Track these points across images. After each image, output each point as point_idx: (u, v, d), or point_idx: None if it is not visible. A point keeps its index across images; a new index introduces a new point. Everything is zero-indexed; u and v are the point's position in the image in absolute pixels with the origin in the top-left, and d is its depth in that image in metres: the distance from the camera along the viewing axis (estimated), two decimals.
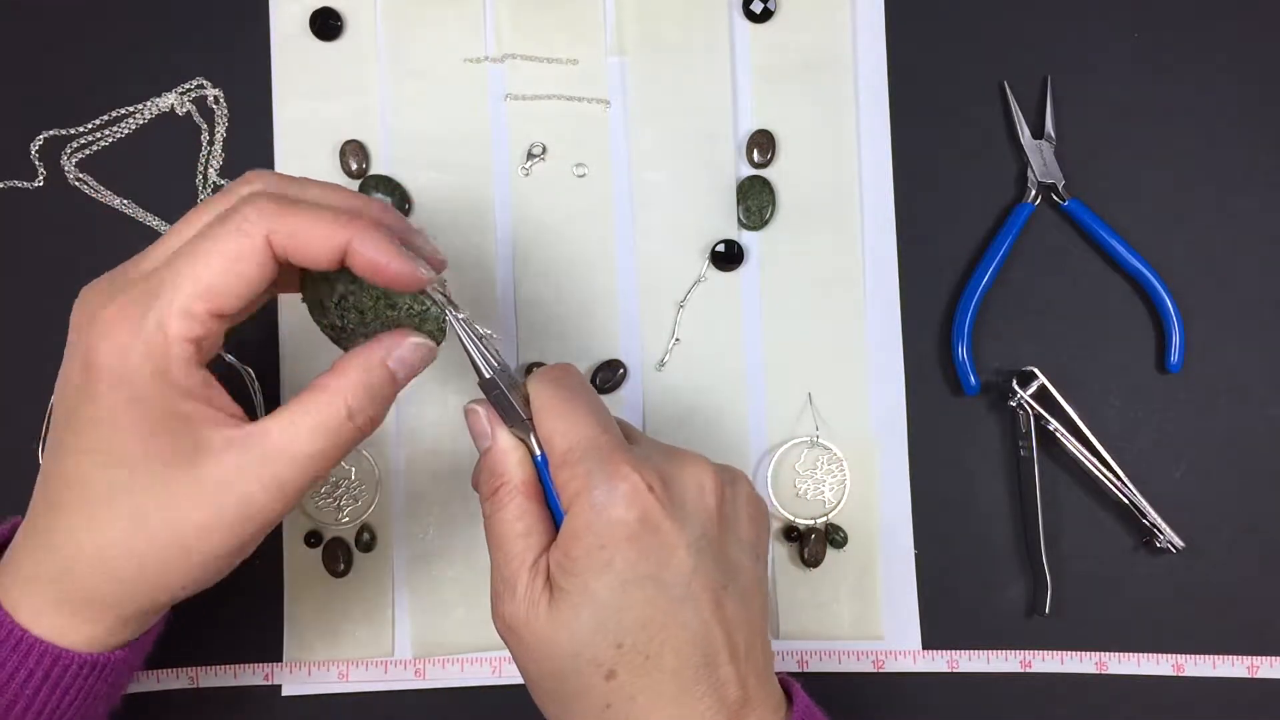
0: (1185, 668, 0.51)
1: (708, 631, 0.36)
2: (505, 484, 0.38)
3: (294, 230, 0.35)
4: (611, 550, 0.35)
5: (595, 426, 0.37)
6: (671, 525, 0.36)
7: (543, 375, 0.39)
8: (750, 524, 0.39)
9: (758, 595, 0.38)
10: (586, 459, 0.36)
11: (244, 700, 0.50)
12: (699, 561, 0.36)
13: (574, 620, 0.36)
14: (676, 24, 0.53)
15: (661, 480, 0.36)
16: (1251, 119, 0.54)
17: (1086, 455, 0.51)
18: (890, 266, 0.52)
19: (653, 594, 0.35)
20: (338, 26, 0.52)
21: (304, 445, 0.35)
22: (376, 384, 0.37)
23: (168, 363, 0.34)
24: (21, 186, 0.52)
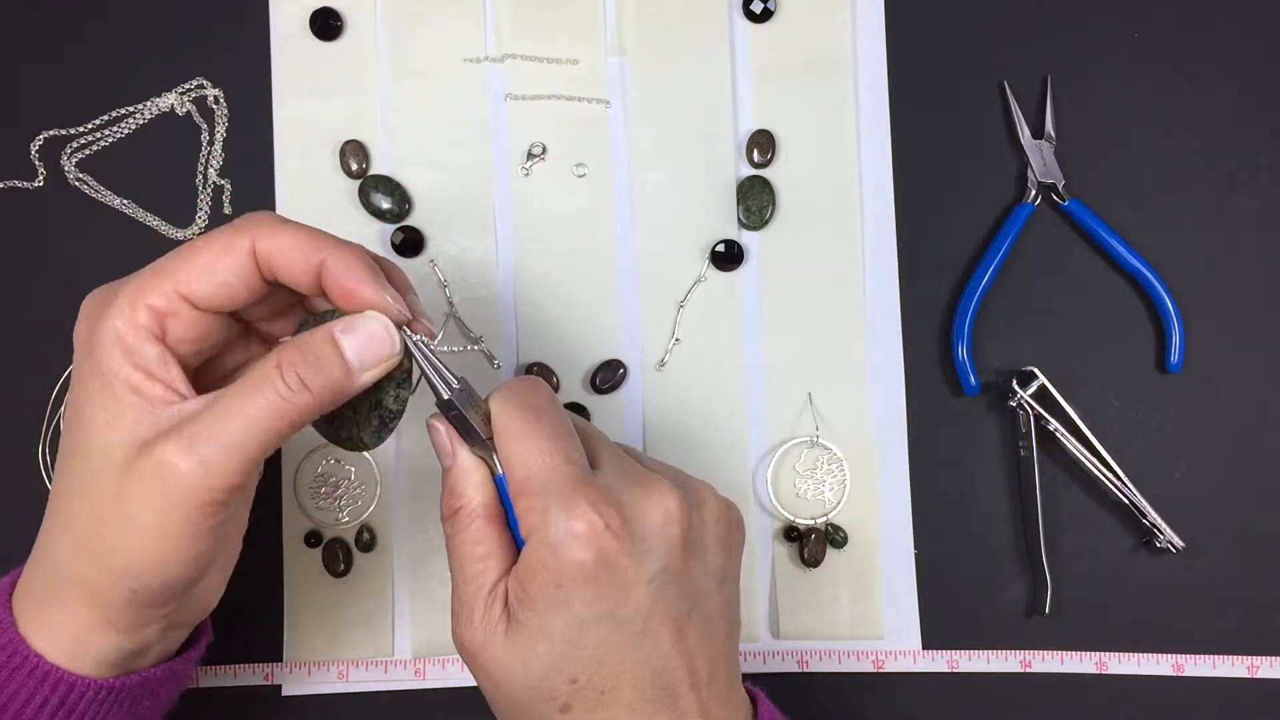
0: (1185, 668, 0.51)
1: (666, 664, 0.36)
2: (464, 507, 0.37)
3: (279, 240, 0.35)
4: (568, 590, 0.35)
5: (555, 455, 0.36)
6: (630, 563, 0.35)
7: (506, 394, 0.38)
8: (719, 547, 0.38)
9: (723, 618, 0.38)
10: (545, 491, 0.35)
11: (244, 700, 0.50)
12: (660, 595, 0.36)
13: (529, 653, 0.35)
14: (676, 24, 0.53)
15: (621, 516, 0.35)
16: (1251, 119, 0.54)
17: (1086, 455, 0.51)
18: (890, 267, 0.52)
19: (609, 631, 0.35)
20: (338, 26, 0.52)
21: (232, 406, 0.34)
22: (315, 347, 0.35)
23: (125, 328, 0.35)
24: (21, 186, 0.52)
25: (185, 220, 0.52)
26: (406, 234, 0.51)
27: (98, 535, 0.35)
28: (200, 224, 0.52)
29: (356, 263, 0.36)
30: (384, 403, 0.38)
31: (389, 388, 0.38)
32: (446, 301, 0.51)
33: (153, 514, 0.34)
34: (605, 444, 0.39)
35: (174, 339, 0.35)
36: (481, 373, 0.51)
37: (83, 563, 0.36)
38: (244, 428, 0.34)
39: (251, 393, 0.34)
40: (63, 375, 0.50)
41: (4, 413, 0.51)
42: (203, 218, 0.52)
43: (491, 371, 0.51)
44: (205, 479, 0.33)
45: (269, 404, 0.34)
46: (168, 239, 0.52)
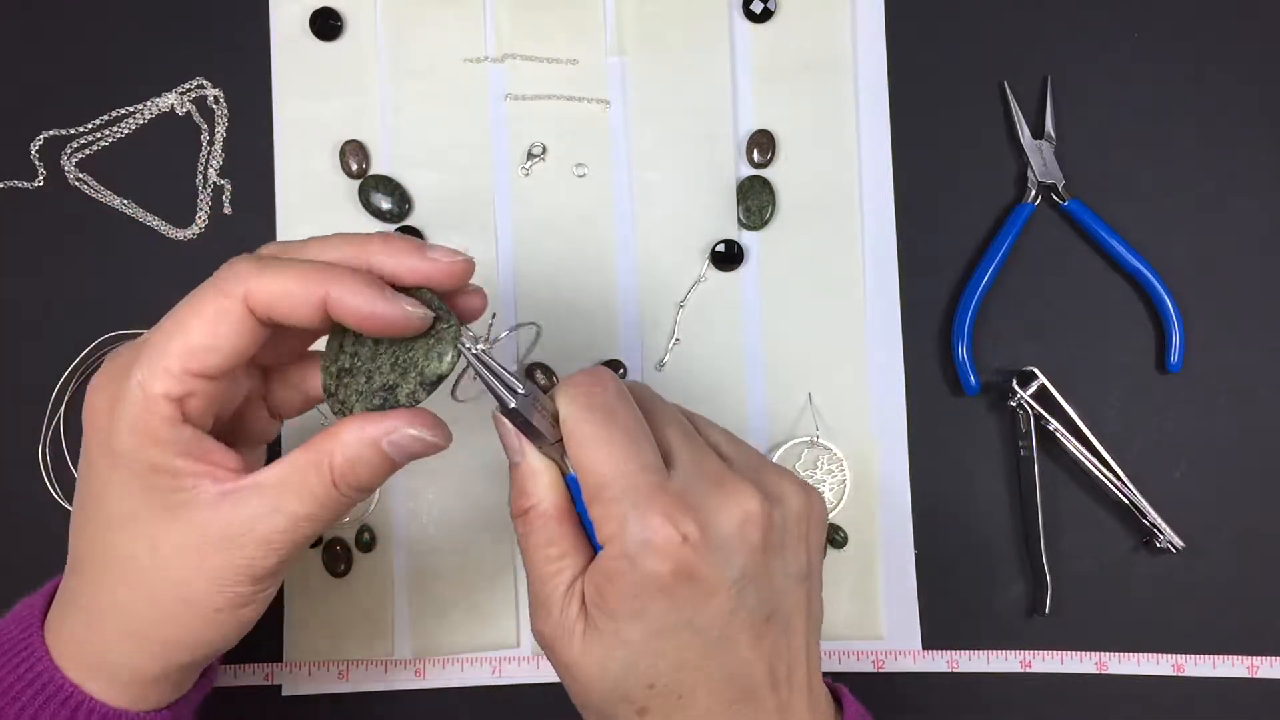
0: (1185, 668, 0.51)
1: (746, 668, 0.36)
2: (534, 507, 0.37)
3: (271, 288, 0.34)
4: (645, 600, 0.34)
5: (630, 460, 0.35)
6: (710, 571, 0.34)
7: (573, 393, 0.36)
8: (800, 544, 0.38)
9: (803, 615, 0.37)
10: (620, 499, 0.34)
11: (244, 700, 0.50)
12: (739, 601, 0.35)
13: (606, 657, 0.35)
14: (676, 24, 0.53)
15: (699, 524, 0.34)
16: (1251, 119, 0.54)
17: (1086, 455, 0.51)
18: (890, 267, 0.52)
19: (687, 639, 0.35)
20: (338, 26, 0.52)
21: (291, 508, 0.35)
22: (367, 458, 0.35)
23: (150, 420, 0.34)
24: (21, 186, 0.52)
25: (185, 220, 0.52)
26: (406, 234, 0.51)
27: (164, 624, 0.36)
28: (200, 224, 0.52)
29: (361, 286, 0.34)
30: (397, 389, 0.36)
31: (410, 377, 0.35)
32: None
33: (225, 599, 0.35)
34: (679, 431, 0.38)
35: (198, 414, 0.35)
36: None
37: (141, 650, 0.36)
38: (311, 527, 0.35)
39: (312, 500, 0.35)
40: (63, 375, 0.50)
41: (4, 412, 0.51)
42: (203, 218, 0.52)
43: None
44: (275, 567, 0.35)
45: (329, 508, 0.35)
46: (168, 239, 0.52)
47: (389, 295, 0.34)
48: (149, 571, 0.35)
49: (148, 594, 0.35)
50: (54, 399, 0.50)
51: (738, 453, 0.39)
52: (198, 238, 0.52)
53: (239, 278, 0.34)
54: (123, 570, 0.35)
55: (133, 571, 0.35)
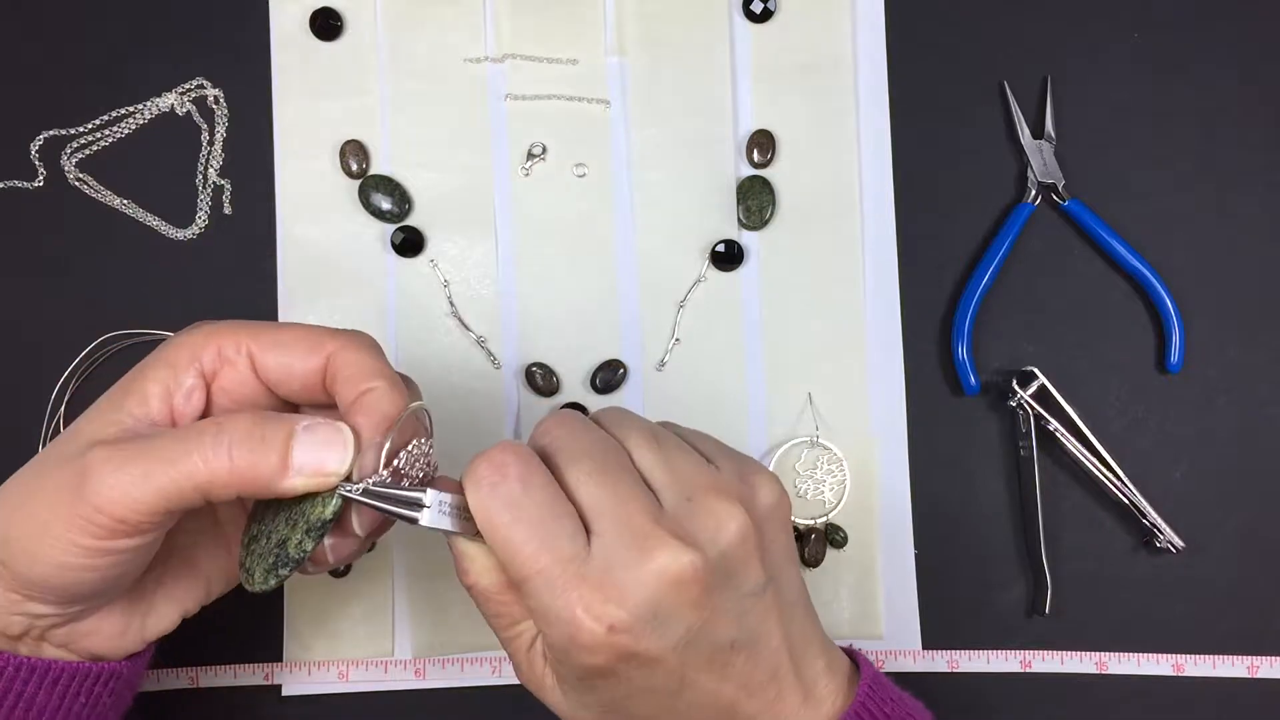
0: (1185, 668, 0.51)
1: (717, 698, 0.35)
2: (474, 585, 0.36)
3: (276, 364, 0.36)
4: (591, 680, 0.35)
5: (542, 553, 0.33)
6: (647, 645, 0.33)
7: (475, 487, 0.34)
8: (748, 565, 0.35)
9: (772, 619, 0.36)
10: (540, 595, 0.33)
11: (244, 700, 0.50)
12: (688, 656, 0.34)
13: (580, 706, 0.36)
14: (676, 24, 0.53)
15: (626, 607, 0.33)
16: (1251, 119, 0.54)
17: (1086, 455, 0.51)
18: (890, 266, 0.52)
19: (646, 696, 0.35)
20: (338, 26, 0.52)
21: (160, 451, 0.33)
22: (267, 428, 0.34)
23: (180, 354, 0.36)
24: (21, 186, 0.52)
25: (185, 220, 0.52)
26: (406, 234, 0.51)
27: (13, 506, 0.34)
28: (200, 224, 0.52)
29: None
30: (287, 542, 0.34)
31: (298, 527, 0.34)
32: (447, 301, 0.51)
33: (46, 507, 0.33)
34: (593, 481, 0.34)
35: (219, 388, 0.36)
36: (481, 373, 0.51)
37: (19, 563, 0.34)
38: (159, 470, 0.33)
39: (183, 438, 0.33)
40: (62, 375, 0.50)
41: (4, 413, 0.51)
42: (203, 218, 0.52)
43: (492, 371, 0.51)
44: (102, 501, 0.32)
45: (187, 454, 0.33)
46: (168, 239, 0.52)
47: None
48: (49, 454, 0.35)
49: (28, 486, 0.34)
50: (54, 399, 0.50)
51: (671, 479, 0.36)
52: (198, 238, 0.52)
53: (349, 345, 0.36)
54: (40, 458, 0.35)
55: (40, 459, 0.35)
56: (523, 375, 0.51)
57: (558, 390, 0.51)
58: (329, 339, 0.36)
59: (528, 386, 0.51)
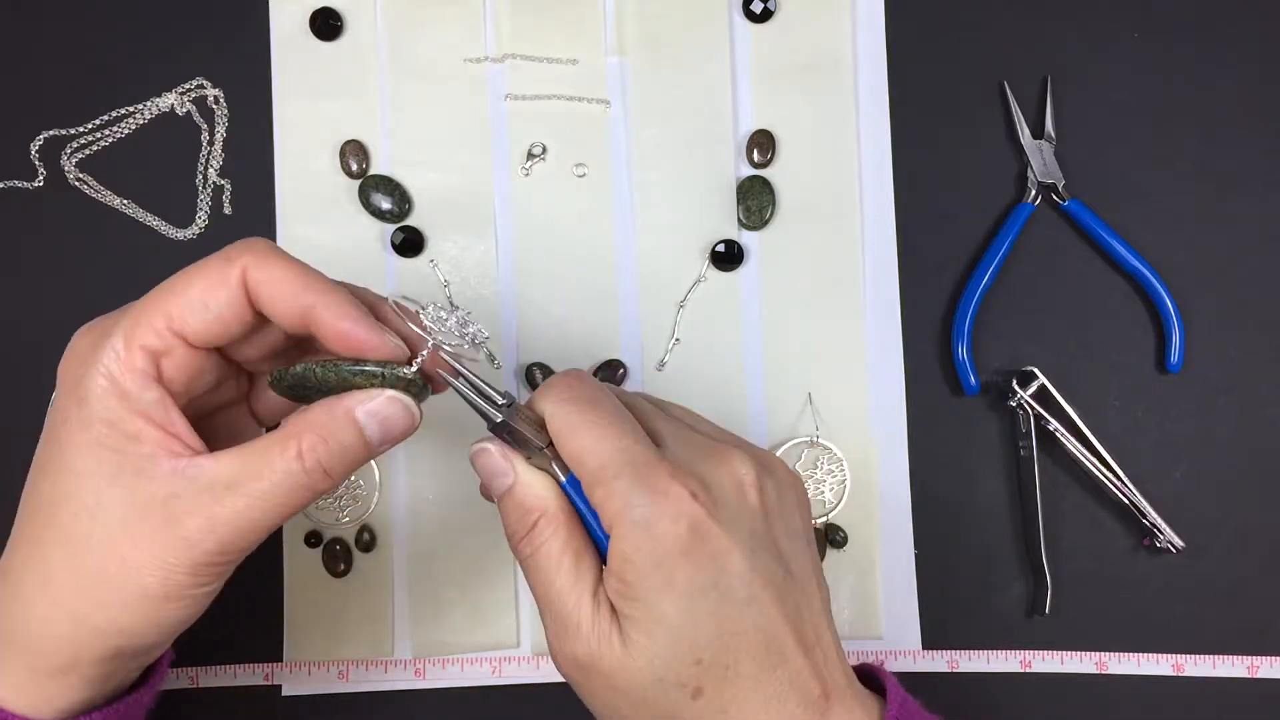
0: (1185, 668, 0.51)
1: (776, 630, 0.35)
2: (543, 516, 0.36)
3: (269, 276, 0.34)
4: (669, 567, 0.34)
5: (624, 436, 0.35)
6: (721, 530, 0.34)
7: (554, 393, 0.36)
8: (795, 509, 0.38)
9: (814, 580, 0.37)
10: (621, 474, 0.34)
11: (244, 700, 0.50)
12: (754, 560, 0.35)
13: (650, 646, 0.34)
14: (676, 24, 0.53)
15: (702, 484, 0.35)
16: (1251, 119, 0.54)
17: (1086, 455, 0.51)
18: (890, 266, 0.52)
19: (718, 603, 0.34)
20: (338, 26, 0.52)
21: (248, 485, 0.33)
22: (338, 432, 0.34)
23: (123, 370, 0.33)
24: (21, 186, 0.52)
25: (185, 220, 0.52)
26: (406, 234, 0.51)
27: (89, 595, 0.34)
28: (200, 224, 0.52)
29: (347, 305, 0.34)
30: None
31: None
32: (447, 301, 0.51)
33: (160, 579, 0.34)
34: (662, 417, 0.38)
35: (168, 379, 0.34)
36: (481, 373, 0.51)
37: (61, 621, 0.34)
38: (264, 511, 0.34)
39: (272, 477, 0.34)
40: None
41: (3, 413, 0.51)
42: (203, 218, 0.52)
43: (492, 371, 0.51)
44: (221, 556, 0.34)
45: (290, 491, 0.34)
46: (168, 239, 0.52)
47: (373, 324, 0.35)
48: (88, 534, 0.33)
49: (82, 559, 0.34)
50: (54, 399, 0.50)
51: (719, 433, 0.39)
52: (198, 238, 0.52)
53: (246, 250, 0.34)
54: (62, 530, 0.34)
55: (72, 533, 0.34)
56: (523, 375, 0.51)
57: None
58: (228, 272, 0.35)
59: (528, 386, 0.51)
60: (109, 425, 0.33)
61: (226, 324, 0.34)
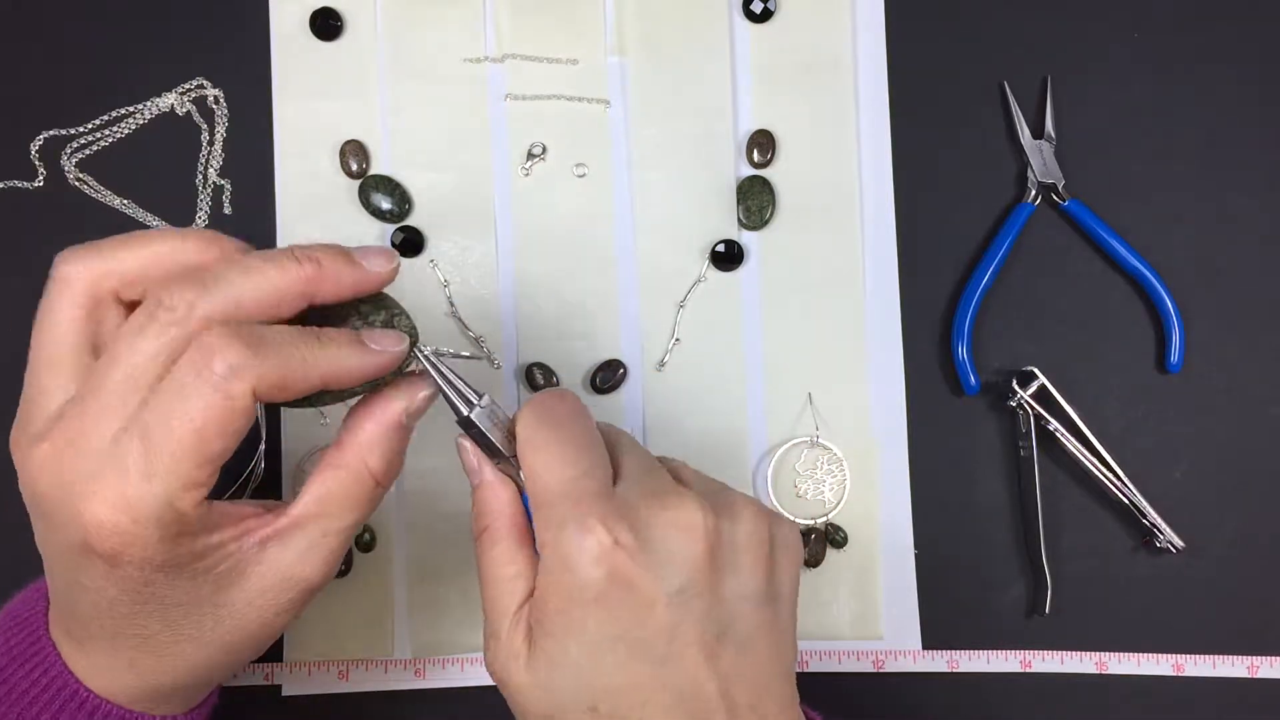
0: (1185, 668, 0.51)
1: (698, 689, 0.34)
2: (490, 525, 0.37)
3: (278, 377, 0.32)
4: (580, 612, 0.33)
5: (574, 466, 0.35)
6: (646, 579, 0.33)
7: (531, 405, 0.36)
8: (757, 565, 0.36)
9: (765, 641, 0.36)
10: (558, 504, 0.34)
11: (244, 700, 0.50)
12: (683, 615, 0.34)
13: (549, 680, 0.34)
14: (676, 24, 0.53)
15: (635, 531, 0.33)
16: (1251, 119, 0.54)
17: (1086, 455, 0.51)
18: (890, 267, 0.52)
19: (628, 655, 0.33)
20: (338, 26, 0.52)
21: (337, 525, 0.35)
22: (395, 443, 0.36)
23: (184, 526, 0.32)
24: (21, 186, 0.52)
25: (185, 220, 0.52)
26: (406, 234, 0.51)
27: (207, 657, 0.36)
28: (200, 224, 0.52)
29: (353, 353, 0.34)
30: None
31: None
32: (447, 301, 0.51)
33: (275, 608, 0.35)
34: (633, 453, 0.37)
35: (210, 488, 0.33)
36: (481, 373, 0.51)
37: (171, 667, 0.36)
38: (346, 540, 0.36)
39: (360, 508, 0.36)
40: None
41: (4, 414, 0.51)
42: (203, 218, 0.52)
43: (492, 371, 0.51)
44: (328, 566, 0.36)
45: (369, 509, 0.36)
46: None
47: (372, 351, 0.34)
48: (209, 635, 0.35)
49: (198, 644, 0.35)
50: None
51: (698, 479, 0.38)
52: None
53: (238, 374, 0.31)
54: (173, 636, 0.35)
55: (185, 639, 0.35)
56: (523, 375, 0.51)
57: None
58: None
59: (528, 386, 0.51)
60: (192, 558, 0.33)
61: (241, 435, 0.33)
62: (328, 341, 0.33)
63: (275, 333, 0.32)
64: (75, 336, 0.34)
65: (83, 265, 0.34)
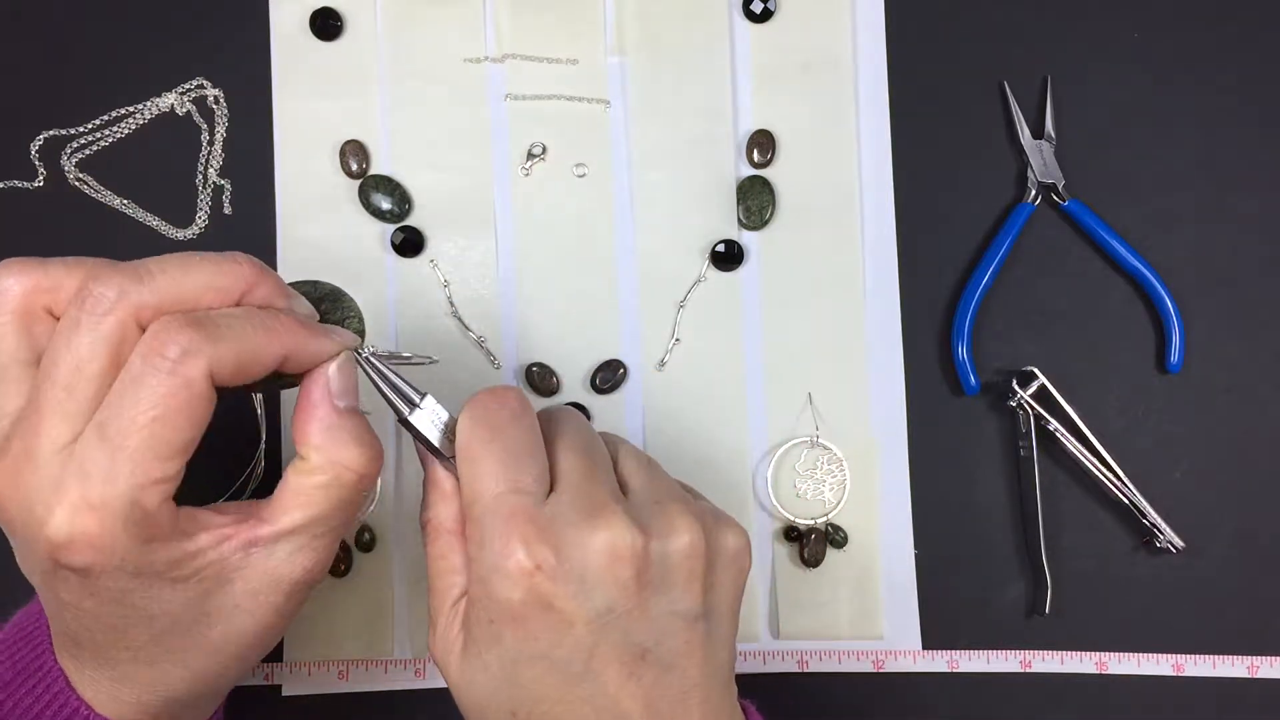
0: (1185, 668, 0.51)
1: (616, 706, 0.34)
2: (432, 520, 0.37)
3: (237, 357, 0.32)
4: (499, 626, 0.34)
5: (502, 480, 0.34)
6: (566, 602, 0.33)
7: (470, 410, 0.36)
8: (690, 582, 0.35)
9: (694, 655, 0.35)
10: (484, 518, 0.34)
11: (244, 700, 0.50)
12: (601, 637, 0.34)
13: (475, 679, 0.35)
14: (676, 24, 0.53)
15: (558, 554, 0.33)
16: (1251, 119, 0.54)
17: (1086, 455, 0.51)
18: (890, 267, 0.52)
19: (545, 671, 0.34)
20: (338, 26, 0.52)
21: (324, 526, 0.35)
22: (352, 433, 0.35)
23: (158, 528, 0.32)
24: (21, 186, 0.52)
25: (185, 220, 0.52)
26: (406, 234, 0.51)
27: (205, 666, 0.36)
28: (200, 224, 0.52)
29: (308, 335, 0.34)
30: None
31: None
32: (447, 301, 0.51)
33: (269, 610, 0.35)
34: (579, 460, 0.36)
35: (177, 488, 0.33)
36: (481, 373, 0.51)
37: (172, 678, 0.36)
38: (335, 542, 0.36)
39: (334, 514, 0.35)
40: None
41: None
42: (203, 218, 0.52)
43: (492, 371, 0.51)
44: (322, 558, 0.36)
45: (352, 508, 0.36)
46: (168, 239, 0.52)
47: (322, 330, 0.35)
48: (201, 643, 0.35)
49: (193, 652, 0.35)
50: None
51: (647, 484, 0.37)
52: (198, 238, 0.52)
53: (191, 356, 0.31)
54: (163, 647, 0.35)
55: (177, 648, 0.35)
56: (523, 375, 0.51)
57: (557, 390, 0.51)
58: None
59: (527, 386, 0.51)
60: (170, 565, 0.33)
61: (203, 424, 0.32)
62: (277, 321, 0.33)
63: (226, 315, 0.32)
64: (13, 348, 0.33)
65: (15, 279, 0.34)
